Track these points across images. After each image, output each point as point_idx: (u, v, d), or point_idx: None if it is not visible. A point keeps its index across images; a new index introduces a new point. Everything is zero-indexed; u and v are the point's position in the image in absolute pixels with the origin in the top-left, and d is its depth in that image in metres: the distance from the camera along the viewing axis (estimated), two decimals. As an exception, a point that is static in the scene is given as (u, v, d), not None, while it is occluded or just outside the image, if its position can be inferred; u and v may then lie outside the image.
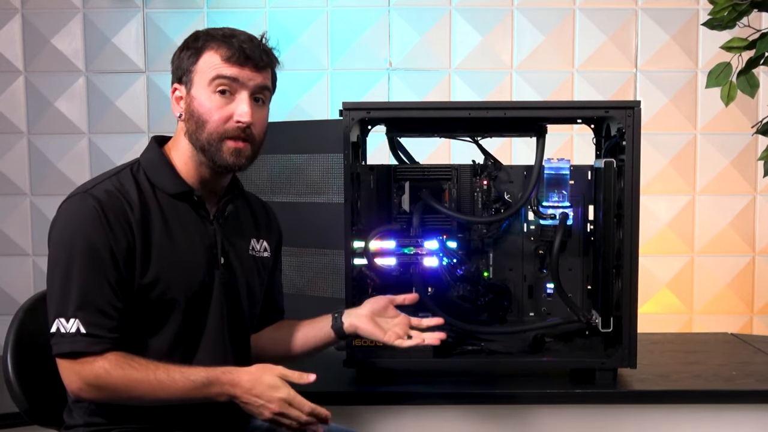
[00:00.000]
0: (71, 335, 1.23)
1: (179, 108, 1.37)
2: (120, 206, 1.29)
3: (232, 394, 1.28)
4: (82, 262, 1.25)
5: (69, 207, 1.30)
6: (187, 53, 1.36)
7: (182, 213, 1.36)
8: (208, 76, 1.32)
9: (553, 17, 3.10)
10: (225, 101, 1.33)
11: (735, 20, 1.60)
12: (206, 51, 1.34)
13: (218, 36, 1.34)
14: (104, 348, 1.25)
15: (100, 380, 1.24)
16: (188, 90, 1.35)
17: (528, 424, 1.79)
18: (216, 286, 1.38)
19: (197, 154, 1.36)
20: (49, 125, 3.15)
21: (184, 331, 1.34)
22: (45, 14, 3.12)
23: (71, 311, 1.24)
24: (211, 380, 1.27)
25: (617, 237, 1.78)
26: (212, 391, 1.27)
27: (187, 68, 1.35)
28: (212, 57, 1.33)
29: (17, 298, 3.07)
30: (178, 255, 1.33)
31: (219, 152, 1.33)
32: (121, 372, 1.24)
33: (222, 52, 1.32)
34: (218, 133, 1.33)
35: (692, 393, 1.78)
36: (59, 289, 1.25)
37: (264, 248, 1.51)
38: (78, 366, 1.25)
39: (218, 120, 1.32)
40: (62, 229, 1.28)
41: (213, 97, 1.32)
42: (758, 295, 3.12)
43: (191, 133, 1.35)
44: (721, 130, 3.07)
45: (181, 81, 1.36)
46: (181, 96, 1.37)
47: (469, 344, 1.86)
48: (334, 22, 3.12)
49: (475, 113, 1.77)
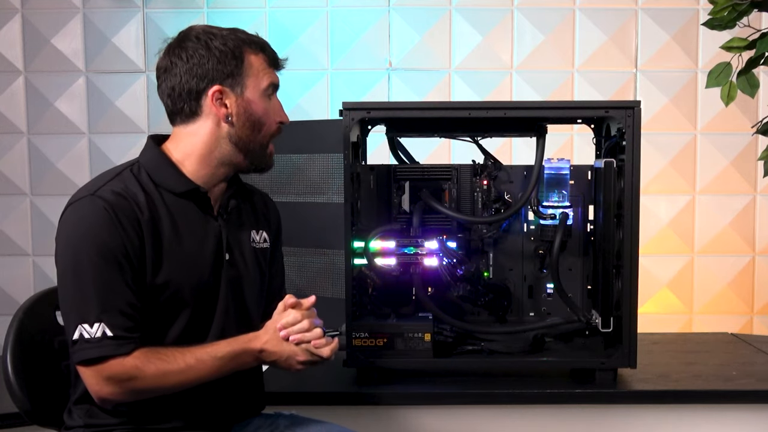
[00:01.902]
0: (97, 340, 1.22)
1: (224, 110, 1.35)
2: (129, 207, 1.28)
3: (260, 359, 1.34)
4: (99, 265, 1.23)
5: (77, 211, 1.28)
6: (225, 56, 1.33)
7: (188, 211, 1.36)
8: (262, 82, 1.37)
9: (553, 17, 3.10)
10: (272, 105, 1.40)
11: (735, 20, 1.60)
12: (246, 54, 1.35)
13: (246, 39, 1.36)
14: (131, 348, 1.24)
15: (134, 380, 1.24)
16: (241, 93, 1.35)
17: (528, 424, 1.79)
18: (222, 282, 1.38)
19: (234, 154, 1.37)
20: (49, 125, 3.15)
21: (191, 328, 1.34)
22: (45, 14, 3.12)
23: (94, 315, 1.22)
24: (236, 352, 1.31)
25: (617, 237, 1.78)
26: (241, 360, 1.32)
27: (232, 72, 1.34)
28: (258, 61, 1.36)
29: (17, 298, 3.07)
30: (187, 254, 1.33)
31: (264, 154, 1.41)
32: (153, 367, 1.25)
33: (263, 57, 1.38)
34: (269, 135, 1.41)
35: (692, 393, 1.78)
36: (77, 295, 1.24)
37: (263, 239, 1.51)
38: (107, 370, 1.23)
39: (271, 122, 1.40)
40: (72, 234, 1.26)
41: (267, 102, 1.39)
42: (758, 295, 3.12)
43: (242, 136, 1.36)
44: (721, 130, 3.07)
45: (224, 83, 1.34)
46: (228, 99, 1.34)
47: (469, 344, 1.86)
48: (334, 22, 3.12)
49: (475, 113, 1.77)
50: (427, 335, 1.76)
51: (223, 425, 1.42)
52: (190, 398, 1.32)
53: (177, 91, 1.34)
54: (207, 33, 1.35)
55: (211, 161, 1.37)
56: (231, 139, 1.36)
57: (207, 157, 1.36)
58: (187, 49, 1.33)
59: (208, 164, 1.37)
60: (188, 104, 1.35)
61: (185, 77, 1.33)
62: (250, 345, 1.32)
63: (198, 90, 1.34)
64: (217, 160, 1.37)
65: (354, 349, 1.75)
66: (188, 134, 1.37)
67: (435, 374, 1.82)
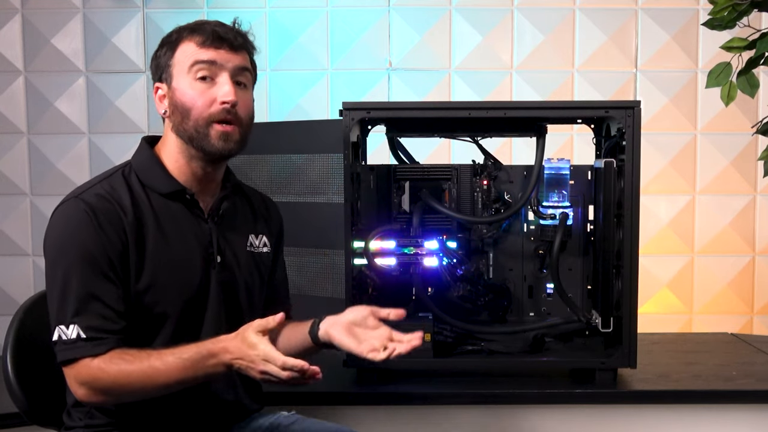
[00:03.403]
0: (72, 341, 1.22)
1: (163, 105, 1.37)
2: (112, 210, 1.28)
3: (225, 362, 1.23)
4: (78, 267, 1.24)
5: (60, 213, 1.29)
6: (163, 50, 1.36)
7: (176, 213, 1.35)
8: (186, 65, 1.32)
9: (553, 17, 3.10)
10: (207, 86, 1.32)
11: (735, 20, 1.60)
12: (181, 42, 1.34)
13: (190, 26, 1.36)
14: (104, 350, 1.23)
15: (97, 381, 1.22)
16: (169, 84, 1.35)
17: (528, 424, 1.79)
18: (213, 285, 1.37)
19: (187, 147, 1.35)
20: (49, 125, 3.15)
21: (180, 332, 1.32)
22: (45, 14, 3.12)
23: (69, 317, 1.23)
24: (202, 353, 1.23)
25: (617, 237, 1.78)
26: (208, 364, 1.23)
27: (165, 64, 1.35)
28: (188, 46, 1.34)
29: (17, 298, 3.07)
30: (173, 256, 1.32)
31: (207, 138, 1.32)
32: (115, 367, 1.22)
33: (196, 39, 1.33)
34: (204, 119, 1.32)
35: (692, 393, 1.78)
36: (57, 297, 1.24)
37: (263, 243, 1.49)
38: (78, 371, 1.23)
39: (202, 105, 1.31)
40: (55, 236, 1.28)
41: (194, 84, 1.32)
42: (758, 295, 3.12)
43: (177, 126, 1.34)
44: (721, 130, 3.07)
45: (161, 79, 1.36)
46: (164, 93, 1.36)
47: (469, 344, 1.86)
48: (334, 22, 3.12)
49: (475, 113, 1.77)
50: (427, 335, 1.76)
51: (223, 425, 1.42)
52: (190, 399, 1.32)
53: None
54: (171, 31, 1.37)
55: (180, 157, 1.37)
56: (175, 132, 1.36)
57: (175, 153, 1.37)
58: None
59: (179, 160, 1.37)
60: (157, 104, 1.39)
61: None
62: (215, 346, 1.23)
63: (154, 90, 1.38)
64: (180, 155, 1.37)
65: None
66: (164, 132, 1.40)
67: (435, 374, 1.82)
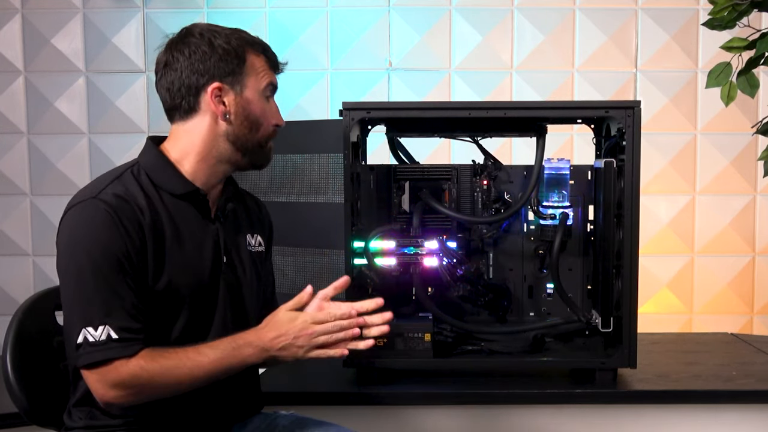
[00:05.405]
0: (102, 343, 1.21)
1: (222, 108, 1.34)
2: (131, 210, 1.27)
3: (261, 347, 1.31)
4: (102, 268, 1.23)
5: (79, 214, 1.27)
6: (225, 53, 1.33)
7: (187, 214, 1.36)
8: (262, 82, 1.38)
9: (553, 17, 3.10)
10: (269, 106, 1.41)
11: (735, 20, 1.60)
12: (248, 55, 1.36)
13: (247, 38, 1.37)
14: (136, 350, 1.24)
15: (138, 379, 1.23)
16: (240, 92, 1.35)
17: (528, 424, 1.79)
18: (221, 285, 1.38)
19: (233, 153, 1.37)
20: (49, 125, 3.15)
21: (190, 331, 1.33)
22: (45, 14, 3.13)
23: (99, 319, 1.22)
24: (237, 342, 1.30)
25: (617, 237, 1.78)
26: (243, 353, 1.30)
27: (233, 70, 1.34)
28: (257, 61, 1.37)
29: (17, 298, 3.07)
30: (188, 258, 1.33)
31: (263, 152, 1.42)
32: (157, 365, 1.23)
33: (265, 58, 1.39)
34: (265, 136, 1.41)
35: (692, 393, 1.78)
36: (80, 298, 1.23)
37: (258, 242, 1.51)
38: (112, 372, 1.22)
39: (268, 123, 1.40)
40: (74, 237, 1.26)
41: (264, 101, 1.39)
42: (758, 295, 3.12)
43: (239, 134, 1.36)
44: (721, 130, 3.07)
45: (224, 81, 1.34)
46: (227, 97, 1.34)
47: (469, 344, 1.86)
48: (334, 22, 3.12)
49: (475, 113, 1.77)
50: (427, 335, 1.76)
51: (222, 425, 1.42)
52: (190, 399, 1.32)
53: (176, 86, 1.34)
54: (210, 31, 1.35)
55: (209, 159, 1.37)
56: (228, 137, 1.36)
57: (205, 155, 1.36)
58: (189, 45, 1.33)
59: (206, 162, 1.37)
60: (186, 100, 1.34)
61: (186, 72, 1.33)
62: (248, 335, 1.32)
63: (198, 86, 1.33)
64: (214, 158, 1.37)
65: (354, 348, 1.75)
66: (186, 131, 1.36)
67: (435, 374, 1.82)
